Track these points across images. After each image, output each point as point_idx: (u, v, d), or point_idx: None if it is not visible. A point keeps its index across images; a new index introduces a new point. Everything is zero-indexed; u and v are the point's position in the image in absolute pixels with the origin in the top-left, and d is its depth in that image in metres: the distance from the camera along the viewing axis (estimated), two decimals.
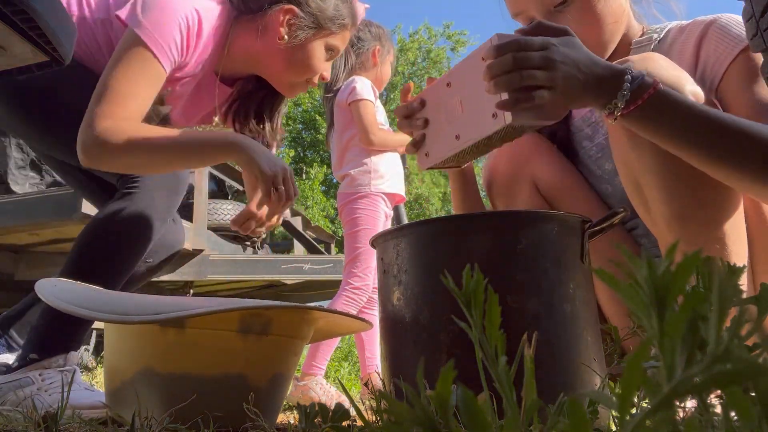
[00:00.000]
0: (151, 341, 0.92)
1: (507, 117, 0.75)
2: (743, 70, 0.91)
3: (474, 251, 0.76)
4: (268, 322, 0.96)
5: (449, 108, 0.86)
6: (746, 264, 0.90)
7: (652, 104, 0.75)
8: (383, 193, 1.99)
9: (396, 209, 2.19)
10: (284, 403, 1.68)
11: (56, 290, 0.96)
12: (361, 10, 2.04)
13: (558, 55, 0.74)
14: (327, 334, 1.29)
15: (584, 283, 0.79)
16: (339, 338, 1.95)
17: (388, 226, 2.06)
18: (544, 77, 0.73)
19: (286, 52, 1.25)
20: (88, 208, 2.10)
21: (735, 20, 0.96)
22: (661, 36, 1.05)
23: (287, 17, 1.23)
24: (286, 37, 1.23)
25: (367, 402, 0.91)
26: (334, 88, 2.05)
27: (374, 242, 0.90)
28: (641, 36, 1.09)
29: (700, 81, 0.91)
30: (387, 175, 2.02)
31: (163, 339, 0.91)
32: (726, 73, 0.93)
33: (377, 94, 2.04)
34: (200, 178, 2.84)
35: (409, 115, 0.95)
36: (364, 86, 1.96)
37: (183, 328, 0.91)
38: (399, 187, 2.08)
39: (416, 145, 0.95)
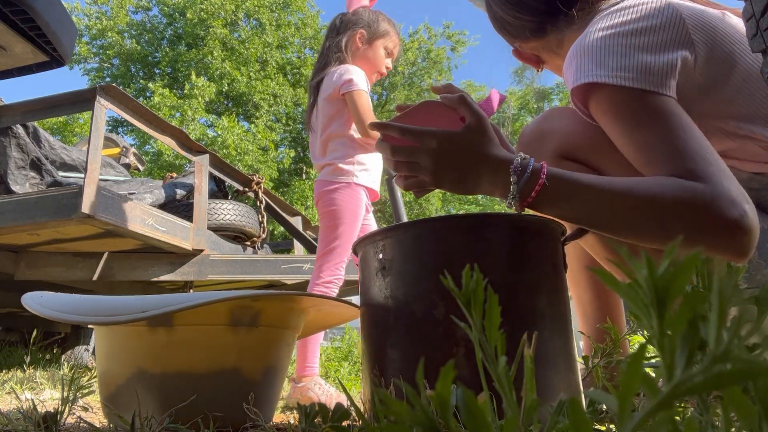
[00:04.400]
0: (142, 342, 0.92)
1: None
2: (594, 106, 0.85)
3: (468, 253, 0.76)
4: (257, 314, 0.96)
5: None
6: None
7: (543, 197, 0.77)
8: (365, 187, 1.94)
9: (391, 189, 2.16)
10: (284, 403, 1.68)
11: (42, 300, 0.98)
12: (366, 1, 2.04)
13: (427, 154, 0.83)
14: (320, 325, 1.29)
15: (563, 287, 0.80)
16: (322, 337, 1.92)
17: (370, 220, 2.04)
18: (412, 169, 0.85)
19: None
20: (89, 208, 2.10)
21: (588, 48, 0.85)
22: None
23: None
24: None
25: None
26: (321, 70, 2.02)
27: (356, 247, 0.90)
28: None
29: None
30: (371, 169, 1.98)
31: (154, 339, 0.91)
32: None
33: (369, 84, 2.00)
34: (200, 178, 2.84)
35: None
36: (358, 76, 1.91)
37: (172, 327, 0.91)
38: (378, 183, 2.04)
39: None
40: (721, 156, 0.86)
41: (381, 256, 0.81)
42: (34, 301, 0.97)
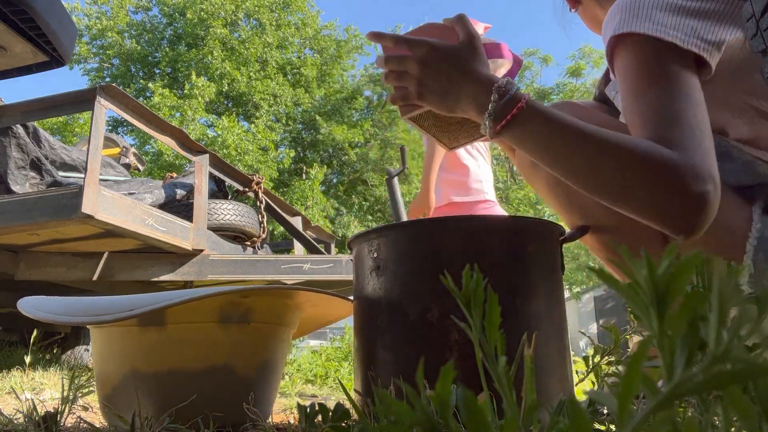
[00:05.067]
0: (134, 342, 0.92)
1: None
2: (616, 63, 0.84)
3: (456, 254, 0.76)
4: (248, 310, 0.96)
5: None
6: None
7: (517, 122, 0.75)
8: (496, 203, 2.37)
9: (391, 188, 2.22)
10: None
11: (37, 303, 0.98)
12: (480, 28, 2.20)
13: (415, 62, 0.84)
14: (317, 322, 1.30)
15: (559, 290, 0.80)
16: None
17: None
18: (400, 79, 0.86)
19: None
20: (89, 208, 2.09)
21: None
22: None
23: None
24: None
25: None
26: None
27: (351, 243, 0.90)
28: None
29: None
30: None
31: (145, 339, 0.92)
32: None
33: None
34: (200, 178, 2.84)
35: None
36: None
37: (163, 326, 0.91)
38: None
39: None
40: (748, 144, 0.84)
41: (375, 255, 0.81)
42: (29, 305, 0.99)
